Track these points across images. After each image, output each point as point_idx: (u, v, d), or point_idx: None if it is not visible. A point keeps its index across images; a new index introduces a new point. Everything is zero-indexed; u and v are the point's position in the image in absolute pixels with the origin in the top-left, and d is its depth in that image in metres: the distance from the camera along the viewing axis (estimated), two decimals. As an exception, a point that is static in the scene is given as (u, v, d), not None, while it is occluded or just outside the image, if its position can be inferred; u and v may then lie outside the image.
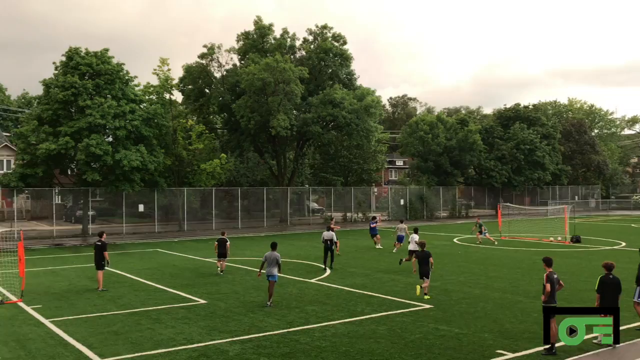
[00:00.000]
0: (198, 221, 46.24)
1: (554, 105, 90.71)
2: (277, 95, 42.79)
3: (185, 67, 47.69)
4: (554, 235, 34.11)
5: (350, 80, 51.10)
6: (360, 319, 14.14)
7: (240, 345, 11.79)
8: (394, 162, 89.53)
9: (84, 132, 35.31)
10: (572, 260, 24.58)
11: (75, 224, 44.60)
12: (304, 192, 56.93)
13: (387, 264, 23.92)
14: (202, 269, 22.86)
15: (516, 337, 12.36)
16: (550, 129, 66.11)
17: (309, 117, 45.46)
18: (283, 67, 42.32)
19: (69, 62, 36.80)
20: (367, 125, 46.78)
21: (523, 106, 68.88)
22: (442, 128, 57.59)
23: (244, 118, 43.61)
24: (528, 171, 61.80)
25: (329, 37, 49.93)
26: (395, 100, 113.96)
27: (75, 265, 24.51)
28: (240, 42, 49.58)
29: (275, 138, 46.69)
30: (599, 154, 73.39)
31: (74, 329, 13.18)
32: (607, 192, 78.26)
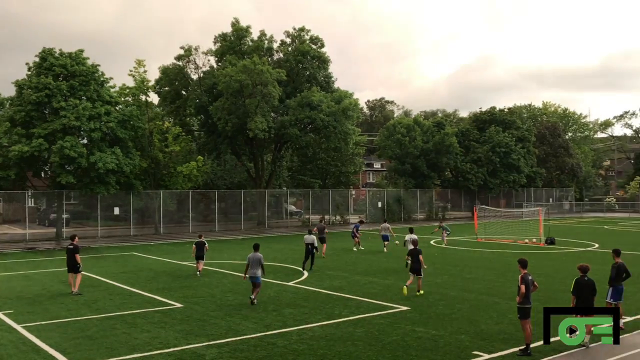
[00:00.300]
0: (175, 224, 45.84)
1: (529, 109, 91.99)
2: (254, 97, 42.65)
3: (162, 69, 47.30)
4: (528, 237, 34.56)
5: (328, 82, 51.19)
6: (338, 321, 14.14)
7: (217, 350, 11.71)
8: (372, 164, 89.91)
9: (58, 134, 34.78)
10: (547, 262, 24.91)
11: (49, 228, 43.91)
12: (282, 194, 56.84)
13: (365, 267, 23.99)
14: (179, 273, 22.66)
15: (492, 338, 12.48)
16: (525, 132, 67.00)
17: (287, 120, 45.42)
18: (260, 69, 42.21)
19: (42, 63, 36.24)
20: (345, 128, 46.90)
21: (498, 109, 69.73)
22: (419, 131, 57.98)
23: (221, 120, 43.38)
24: (503, 174, 62.53)
25: (306, 40, 49.98)
26: (372, 103, 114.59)
27: (49, 269, 24.10)
28: (218, 43, 49.35)
29: (253, 140, 46.53)
30: (572, 157, 74.60)
31: (47, 334, 12.95)
32: (581, 194, 79.58)
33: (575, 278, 12.09)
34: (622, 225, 48.58)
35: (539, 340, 12.03)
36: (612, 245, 15.54)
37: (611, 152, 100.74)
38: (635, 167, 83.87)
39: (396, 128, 57.70)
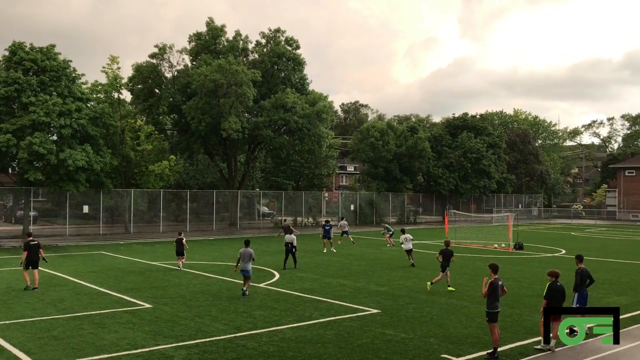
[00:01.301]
0: (145, 223, 45.28)
1: (500, 116, 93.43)
2: (228, 97, 42.44)
3: (135, 67, 46.72)
4: (498, 242, 35.06)
5: (302, 84, 51.23)
6: (308, 323, 14.15)
7: (186, 351, 11.61)
8: (345, 167, 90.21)
9: (27, 130, 34.06)
10: (515, 267, 25.31)
11: (16, 225, 43.00)
12: (255, 195, 56.64)
13: (336, 269, 24.04)
14: (148, 273, 22.40)
15: (460, 341, 12.63)
16: (496, 138, 67.99)
17: (261, 121, 45.30)
18: (235, 69, 42.04)
19: (12, 57, 35.49)
20: (319, 131, 47.01)
21: (471, 115, 70.63)
22: (392, 135, 58.37)
23: (195, 119, 43.05)
24: (474, 179, 63.32)
25: (282, 41, 49.95)
26: (347, 106, 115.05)
27: (15, 267, 23.56)
28: (192, 42, 49.00)
29: (227, 141, 46.29)
30: (542, 164, 75.98)
31: (10, 334, 12.68)
32: (549, 201, 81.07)
33: (549, 283, 12.32)
34: (589, 232, 49.64)
35: (506, 343, 12.24)
36: (578, 251, 15.88)
37: (579, 159, 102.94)
38: (602, 175, 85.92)
39: (370, 132, 57.99)
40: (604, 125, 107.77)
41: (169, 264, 25.10)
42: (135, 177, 42.25)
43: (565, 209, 77.48)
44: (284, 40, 50.09)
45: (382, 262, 26.87)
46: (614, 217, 72.90)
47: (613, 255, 30.68)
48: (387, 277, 22.00)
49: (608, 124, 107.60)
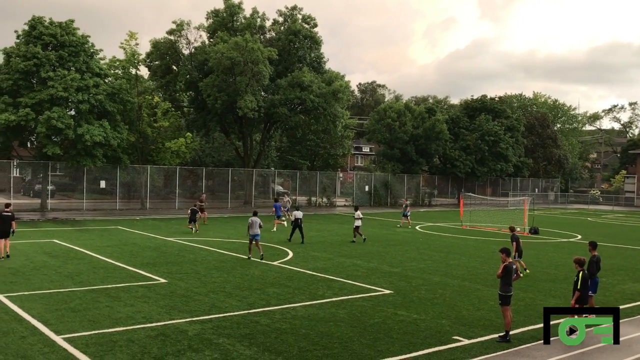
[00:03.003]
0: (161, 199, 45.66)
1: (519, 99, 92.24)
2: (245, 75, 42.33)
3: (153, 42, 46.69)
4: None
5: (319, 63, 50.87)
6: (321, 302, 14.24)
7: (199, 325, 11.76)
8: (361, 148, 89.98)
9: (46, 105, 34.34)
10: (530, 251, 25.14)
11: (34, 198, 43.58)
12: (270, 174, 56.76)
13: (350, 249, 24.12)
14: (164, 248, 22.64)
15: (472, 323, 12.64)
16: (514, 121, 67.22)
17: (277, 99, 45.18)
18: (252, 47, 41.85)
19: (31, 31, 35.65)
20: (334, 110, 46.77)
21: (489, 98, 69.82)
22: (410, 116, 57.92)
23: (211, 97, 43.05)
24: (491, 162, 62.80)
25: (299, 19, 49.55)
26: (364, 86, 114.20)
27: (33, 240, 23.97)
28: (210, 19, 48.80)
29: (242, 119, 46.30)
30: (560, 148, 75.12)
31: (29, 305, 12.92)
32: (566, 185, 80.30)
33: (581, 273, 11.71)
34: (605, 218, 49.20)
35: (519, 327, 12.23)
36: (594, 237, 15.77)
37: (598, 144, 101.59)
38: (621, 161, 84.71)
39: (387, 112, 57.61)
40: (625, 110, 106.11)
41: (184, 239, 25.35)
42: (152, 154, 42.51)
43: (583, 195, 76.73)
44: (301, 18, 49.69)
45: (396, 243, 26.89)
46: (632, 203, 72.05)
47: (630, 242, 30.39)
48: (401, 258, 22.04)
49: (630, 109, 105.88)
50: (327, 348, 10.63)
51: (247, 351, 10.29)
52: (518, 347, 11.01)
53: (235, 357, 9.98)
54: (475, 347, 10.99)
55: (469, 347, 11.03)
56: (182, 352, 10.11)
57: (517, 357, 10.56)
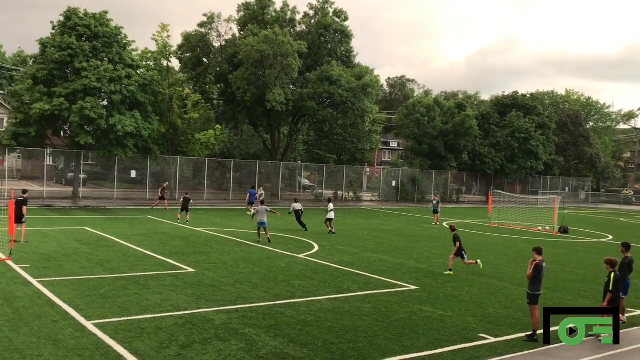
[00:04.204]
0: (189, 190, 46.03)
1: (551, 96, 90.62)
2: (274, 68, 42.44)
3: (185, 35, 47.13)
4: (542, 225, 34.38)
5: (348, 57, 50.71)
6: (346, 296, 14.25)
7: (226, 315, 11.89)
8: (389, 143, 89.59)
9: (79, 95, 34.97)
10: (559, 250, 24.82)
11: (66, 186, 44.47)
12: (297, 167, 56.91)
13: (376, 244, 24.07)
14: (192, 238, 22.92)
15: (499, 322, 12.52)
16: (546, 119, 66.13)
17: (305, 93, 45.20)
18: (282, 40, 41.91)
19: (66, 22, 36.28)
20: (363, 105, 46.60)
21: (521, 94, 68.77)
22: (439, 111, 57.43)
23: (241, 90, 43.30)
24: (521, 160, 61.94)
25: (329, 13, 49.44)
26: (393, 80, 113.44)
27: (65, 227, 24.50)
28: (241, 12, 49.01)
29: (271, 112, 46.47)
30: (592, 147, 73.63)
31: (61, 290, 13.22)
32: (598, 185, 78.74)
33: (613, 275, 11.51)
34: (639, 219, 48.10)
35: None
36: (626, 238, 15.43)
37: (632, 144, 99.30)
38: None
39: (416, 107, 57.23)
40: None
41: (212, 230, 25.61)
42: (182, 145, 42.98)
43: (615, 194, 75.16)
44: (332, 12, 49.57)
45: (422, 239, 26.76)
46: (666, 204, 70.34)
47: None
48: (427, 254, 21.92)
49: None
50: (352, 342, 10.65)
51: (272, 342, 10.37)
52: (545, 347, 10.87)
53: (260, 347, 10.07)
54: (501, 346, 10.89)
55: (495, 345, 10.94)
56: (208, 340, 10.24)
57: (545, 357, 10.44)
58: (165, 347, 9.80)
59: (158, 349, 9.69)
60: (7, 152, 38.64)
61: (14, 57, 76.64)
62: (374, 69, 50.04)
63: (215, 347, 9.90)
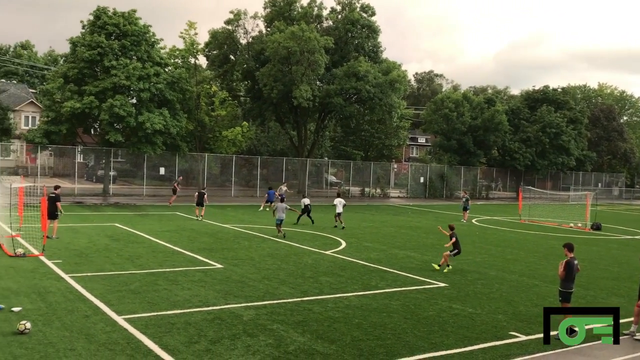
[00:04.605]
0: (217, 187, 46.51)
1: (583, 90, 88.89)
2: (301, 64, 42.43)
3: (212, 32, 47.47)
4: (574, 222, 33.74)
5: (376, 53, 50.46)
6: (374, 292, 14.17)
7: (254, 311, 11.91)
8: (416, 139, 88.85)
9: (109, 93, 35.50)
10: (592, 248, 24.32)
11: (96, 183, 45.21)
12: (323, 164, 56.88)
13: (403, 241, 23.91)
14: (220, 235, 23.06)
15: (530, 319, 12.30)
16: (578, 113, 64.84)
17: (332, 89, 45.11)
18: (308, 36, 41.86)
19: (96, 21, 36.85)
20: (391, 100, 46.31)
21: (552, 89, 67.55)
22: (468, 106, 56.75)
23: (267, 87, 43.43)
24: (552, 155, 60.89)
25: (357, 8, 49.23)
26: (420, 75, 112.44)
27: (95, 223, 24.89)
28: (267, 9, 49.17)
29: (297, 109, 46.51)
30: (626, 142, 71.99)
31: (92, 285, 13.41)
32: (632, 181, 76.97)
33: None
34: (674, 215, 46.88)
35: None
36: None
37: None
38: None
39: (444, 102, 56.65)
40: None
41: (239, 226, 25.75)
42: (209, 142, 43.32)
43: (650, 190, 73.39)
44: (360, 7, 49.37)
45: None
46: (703, 200, 68.42)
47: (700, 240, 28.86)
48: (456, 251, 21.64)
49: None
50: (380, 338, 10.57)
51: (300, 338, 10.35)
52: (578, 346, 10.62)
53: (289, 343, 10.06)
54: (532, 344, 10.69)
55: (526, 343, 10.74)
56: (237, 336, 10.27)
57: (577, 356, 10.22)
58: (195, 342, 9.86)
59: (187, 344, 9.75)
60: (40, 150, 39.43)
61: (45, 57, 78.23)
62: (401, 64, 49.74)
63: (244, 343, 9.92)
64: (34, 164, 46.46)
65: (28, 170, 49.61)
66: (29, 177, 44.98)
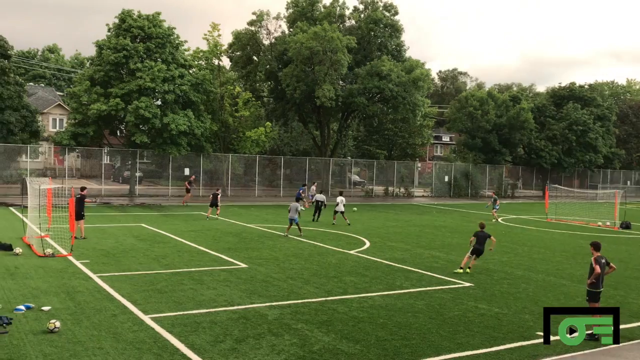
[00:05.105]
0: (241, 187, 46.80)
1: (611, 86, 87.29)
2: (323, 64, 42.42)
3: (235, 33, 47.71)
4: (602, 220, 33.15)
5: (399, 51, 50.19)
6: (399, 292, 14.11)
7: (279, 310, 11.96)
8: (440, 137, 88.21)
9: (134, 95, 35.95)
10: (621, 247, 23.88)
11: (123, 184, 45.80)
12: (346, 164, 56.80)
13: (428, 241, 23.77)
14: (244, 234, 23.19)
15: (557, 320, 12.09)
16: (605, 110, 63.66)
17: (355, 88, 45.01)
18: (331, 36, 41.82)
19: (121, 24, 37.33)
20: (414, 99, 46.00)
21: (578, 85, 66.46)
22: (493, 104, 56.13)
23: (290, 87, 43.52)
24: (579, 153, 59.93)
25: (380, 7, 49.06)
26: (444, 74, 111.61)
27: (122, 224, 25.23)
28: (290, 9, 49.22)
29: (320, 108, 46.51)
30: (656, 138, 70.50)
31: (119, 285, 13.60)
32: (663, 178, 75.28)
33: None
34: None
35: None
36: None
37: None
38: None
39: (468, 101, 56.12)
40: None
41: (264, 226, 25.87)
42: (233, 143, 43.58)
43: (681, 188, 71.70)
44: (382, 6, 49.18)
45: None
46: None
47: None
48: (481, 250, 21.42)
49: None
50: (406, 338, 10.52)
51: (325, 337, 10.36)
52: (607, 347, 10.44)
53: (313, 342, 10.07)
54: (560, 344, 10.52)
55: (554, 343, 10.57)
56: (262, 335, 10.32)
57: (606, 357, 10.04)
58: (220, 341, 9.93)
59: (213, 342, 9.83)
60: (67, 152, 40.09)
61: (72, 60, 79.58)
62: (424, 62, 49.38)
63: (269, 342, 9.97)
64: (62, 165, 47.25)
65: (56, 172, 50.49)
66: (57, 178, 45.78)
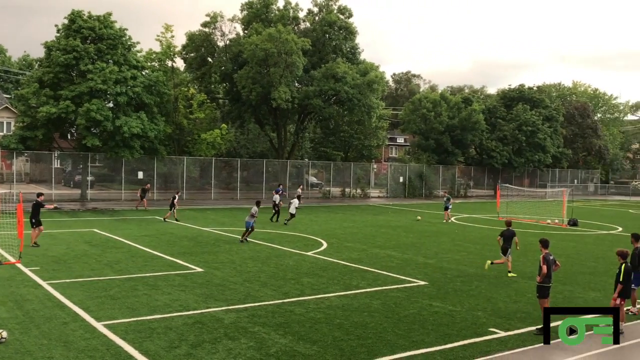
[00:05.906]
0: (197, 190, 46.25)
1: (558, 88, 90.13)
2: (278, 66, 42.39)
3: (188, 35, 47.13)
4: (551, 218, 34.22)
5: (354, 54, 50.58)
6: (355, 292, 14.24)
7: (235, 314, 11.90)
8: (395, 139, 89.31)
9: (85, 97, 35.10)
10: (568, 243, 24.70)
11: (74, 189, 44.65)
12: (304, 165, 56.87)
13: (384, 240, 24.04)
14: (200, 238, 22.96)
15: (509, 316, 12.47)
16: (553, 111, 65.77)
17: (311, 90, 45.13)
18: (286, 38, 41.83)
19: (71, 25, 36.41)
20: (369, 101, 46.44)
21: (527, 87, 68.42)
22: (445, 106, 57.22)
23: (246, 89, 43.29)
24: (529, 153, 61.71)
25: (334, 10, 49.34)
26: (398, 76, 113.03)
27: (73, 229, 24.60)
28: (244, 11, 48.96)
29: (277, 110, 46.44)
30: (600, 139, 73.19)
31: (71, 292, 13.27)
32: (607, 177, 78.29)
33: (622, 266, 11.53)
34: (648, 210, 47.78)
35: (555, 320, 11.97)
36: (636, 230, 15.29)
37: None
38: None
39: (422, 103, 57.04)
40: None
41: (220, 230, 25.66)
42: (188, 145, 43.07)
43: (624, 186, 74.72)
44: (337, 9, 49.46)
45: (431, 234, 26.69)
46: (676, 195, 69.83)
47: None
48: (436, 249, 21.86)
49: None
50: (362, 338, 10.63)
51: (282, 340, 10.37)
52: (556, 340, 10.79)
53: (270, 345, 10.07)
54: (512, 340, 10.85)
55: (506, 339, 10.89)
56: (218, 339, 10.25)
57: (555, 350, 10.38)
58: (176, 346, 9.82)
59: (168, 348, 9.71)
60: (15, 156, 38.83)
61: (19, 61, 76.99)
62: (379, 65, 49.94)
63: (225, 346, 9.91)
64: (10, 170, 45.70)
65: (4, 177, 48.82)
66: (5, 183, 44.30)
